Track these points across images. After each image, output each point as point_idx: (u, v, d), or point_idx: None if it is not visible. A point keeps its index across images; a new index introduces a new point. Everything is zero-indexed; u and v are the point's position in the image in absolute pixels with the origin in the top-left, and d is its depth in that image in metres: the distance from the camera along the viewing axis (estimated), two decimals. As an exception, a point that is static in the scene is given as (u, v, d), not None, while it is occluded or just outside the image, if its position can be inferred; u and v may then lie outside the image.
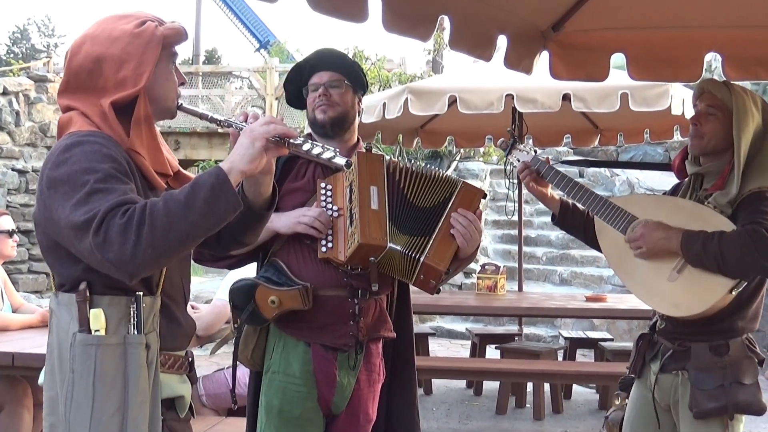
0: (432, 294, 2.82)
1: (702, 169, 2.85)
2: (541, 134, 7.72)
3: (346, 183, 2.77)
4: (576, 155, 14.78)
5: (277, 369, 2.79)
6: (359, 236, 2.64)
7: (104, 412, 1.86)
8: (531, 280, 10.86)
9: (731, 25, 3.35)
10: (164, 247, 1.76)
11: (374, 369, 2.90)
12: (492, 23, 3.14)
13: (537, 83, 5.34)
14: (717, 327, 2.73)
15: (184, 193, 1.80)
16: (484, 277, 6.62)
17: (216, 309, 3.90)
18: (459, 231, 2.75)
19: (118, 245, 1.74)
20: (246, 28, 30.42)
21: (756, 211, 2.62)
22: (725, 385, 2.68)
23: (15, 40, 40.43)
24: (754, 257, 2.54)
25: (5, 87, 13.44)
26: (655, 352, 2.90)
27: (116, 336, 1.89)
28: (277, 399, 2.77)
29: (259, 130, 1.92)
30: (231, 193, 1.83)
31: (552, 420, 6.29)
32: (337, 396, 2.81)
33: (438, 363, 6.75)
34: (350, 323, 2.80)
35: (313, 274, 2.77)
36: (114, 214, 1.75)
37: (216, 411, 4.27)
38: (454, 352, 9.29)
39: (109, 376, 1.87)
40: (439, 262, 2.73)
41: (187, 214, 1.78)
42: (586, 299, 6.32)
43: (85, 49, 1.98)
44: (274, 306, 2.70)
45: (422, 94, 6.02)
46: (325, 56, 2.95)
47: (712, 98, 2.82)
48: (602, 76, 3.60)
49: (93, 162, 1.84)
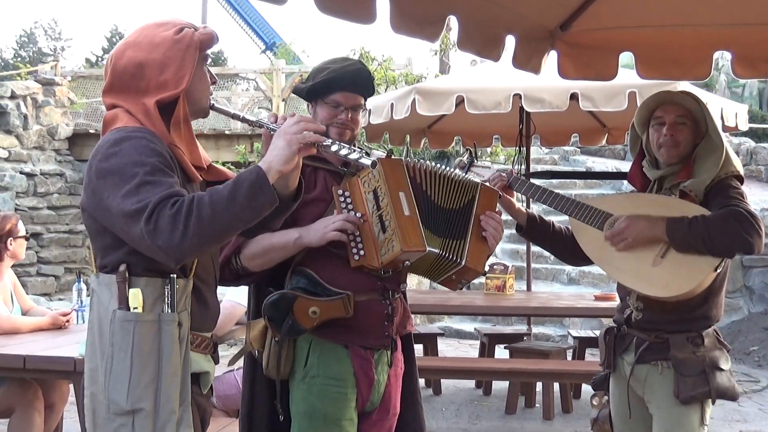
0: (454, 290, 2.94)
1: (666, 171, 3.03)
2: (548, 134, 7.71)
3: (367, 189, 2.76)
4: (584, 154, 14.79)
5: (316, 373, 2.77)
6: (401, 244, 2.65)
7: (140, 382, 2.04)
8: (539, 280, 10.84)
9: (740, 23, 3.35)
10: (209, 236, 1.98)
11: (398, 363, 2.95)
12: (500, 23, 3.14)
13: (544, 83, 5.34)
14: (693, 315, 2.91)
15: (227, 189, 2.01)
16: (492, 277, 6.61)
17: (225, 311, 3.88)
18: (491, 233, 2.84)
19: (167, 233, 1.94)
20: (252, 30, 30.42)
21: (728, 196, 2.84)
22: (707, 371, 2.86)
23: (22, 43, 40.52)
24: (738, 233, 2.73)
25: (13, 91, 13.44)
26: (626, 345, 3.04)
27: (152, 314, 2.08)
28: (320, 402, 2.76)
29: (295, 134, 2.11)
30: (269, 190, 2.03)
31: (562, 420, 6.28)
32: (373, 394, 2.84)
33: (447, 363, 6.74)
34: (385, 323, 2.84)
35: (347, 280, 2.76)
36: (164, 204, 1.95)
37: (227, 412, 4.27)
38: (462, 352, 9.28)
39: (145, 349, 2.05)
40: (478, 265, 2.80)
41: (230, 208, 1.98)
42: (595, 298, 6.30)
43: (128, 55, 2.17)
44: (315, 317, 2.68)
45: (429, 94, 6.03)
46: (359, 78, 2.85)
47: (680, 109, 3.00)
48: (610, 75, 3.60)
49: (141, 155, 2.03)
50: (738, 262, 9.71)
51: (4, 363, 3.72)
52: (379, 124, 6.63)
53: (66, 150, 14.05)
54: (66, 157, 13.91)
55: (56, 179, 13.22)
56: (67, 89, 14.89)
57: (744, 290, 10.09)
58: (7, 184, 12.44)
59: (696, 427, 2.89)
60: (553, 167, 14.36)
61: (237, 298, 3.98)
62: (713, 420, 5.54)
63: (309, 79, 2.89)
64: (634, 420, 3.04)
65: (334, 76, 2.81)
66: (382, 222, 2.71)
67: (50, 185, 13.09)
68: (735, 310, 9.86)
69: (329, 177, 2.87)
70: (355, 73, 2.83)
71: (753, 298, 10.05)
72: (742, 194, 2.88)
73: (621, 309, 3.11)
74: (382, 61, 14.38)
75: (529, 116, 6.83)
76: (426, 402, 6.73)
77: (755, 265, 9.99)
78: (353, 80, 2.83)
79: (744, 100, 16.60)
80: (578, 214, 3.06)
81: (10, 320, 4.29)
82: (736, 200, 2.82)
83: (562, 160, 14.89)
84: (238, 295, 3.88)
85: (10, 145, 13.09)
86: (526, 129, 6.98)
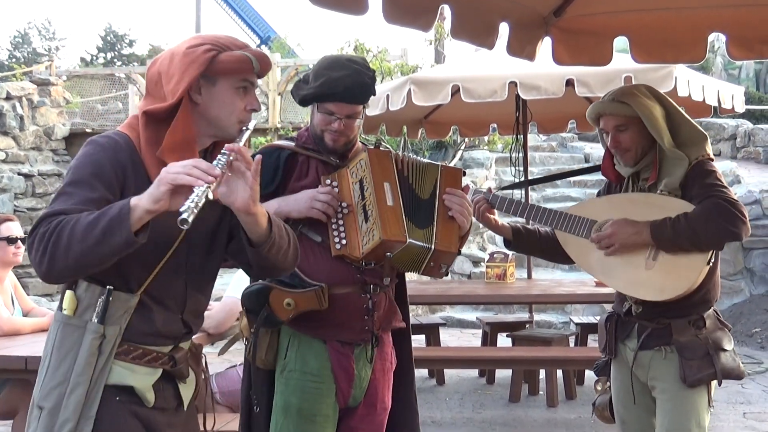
0: (440, 278, 2.90)
1: (637, 168, 3.01)
2: (545, 121, 7.69)
3: (354, 179, 2.77)
4: (581, 141, 14.77)
5: (293, 368, 2.78)
6: (380, 232, 2.65)
7: (50, 382, 2.07)
8: (540, 267, 10.81)
9: (734, 4, 3.33)
10: (63, 264, 1.90)
11: (387, 358, 2.93)
12: (493, 11, 3.13)
13: (540, 70, 5.32)
14: (692, 300, 2.89)
15: (91, 217, 1.90)
16: (493, 266, 6.61)
17: (226, 306, 3.90)
18: (456, 211, 2.82)
19: (33, 252, 1.93)
20: (246, 25, 30.36)
21: (706, 185, 2.83)
22: (711, 353, 2.87)
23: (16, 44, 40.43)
24: (722, 226, 2.75)
25: (8, 92, 13.42)
26: (628, 332, 3.03)
27: (79, 320, 2.07)
28: (296, 397, 2.77)
29: (169, 174, 1.90)
30: (126, 229, 1.88)
31: (566, 406, 6.29)
32: (355, 389, 2.83)
33: (449, 353, 6.74)
34: (365, 318, 2.81)
35: (325, 272, 2.76)
36: (47, 221, 1.92)
37: (230, 408, 4.27)
38: (465, 341, 9.28)
39: (62, 352, 2.07)
40: (450, 245, 2.78)
41: (85, 239, 1.88)
42: (596, 284, 6.29)
43: (157, 64, 2.17)
44: (290, 308, 2.70)
45: (425, 84, 6.01)
46: (355, 89, 2.75)
47: (615, 118, 2.97)
48: (605, 60, 3.59)
49: (80, 163, 2.03)
50: (738, 245, 9.71)
51: (7, 365, 3.71)
52: (376, 116, 6.61)
53: (63, 150, 14.04)
54: (63, 157, 13.89)
55: (54, 179, 13.19)
56: (62, 89, 14.88)
57: (745, 272, 10.10)
58: (5, 185, 12.43)
59: (703, 409, 2.89)
60: (551, 154, 14.35)
61: (237, 294, 3.97)
62: (717, 402, 5.54)
63: (307, 80, 2.84)
64: (638, 406, 3.03)
65: (329, 87, 2.74)
66: (365, 211, 2.71)
67: (48, 186, 13.07)
68: (737, 292, 9.87)
69: (321, 166, 2.87)
70: (352, 84, 2.74)
71: (754, 280, 10.06)
72: (718, 177, 2.86)
73: (619, 301, 3.10)
74: (377, 52, 14.35)
75: (525, 104, 6.82)
76: (429, 392, 6.74)
77: (756, 247, 9.99)
78: (349, 92, 2.74)
79: (741, 81, 16.57)
80: (562, 225, 3.06)
81: (11, 322, 4.28)
82: (714, 188, 2.81)
83: (560, 146, 14.88)
84: (239, 290, 3.87)
85: (7, 147, 13.08)
86: (523, 117, 6.97)
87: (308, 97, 2.80)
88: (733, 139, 14.05)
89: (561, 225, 3.06)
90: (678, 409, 2.89)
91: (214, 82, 2.13)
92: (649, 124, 2.92)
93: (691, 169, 2.89)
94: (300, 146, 2.88)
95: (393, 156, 2.84)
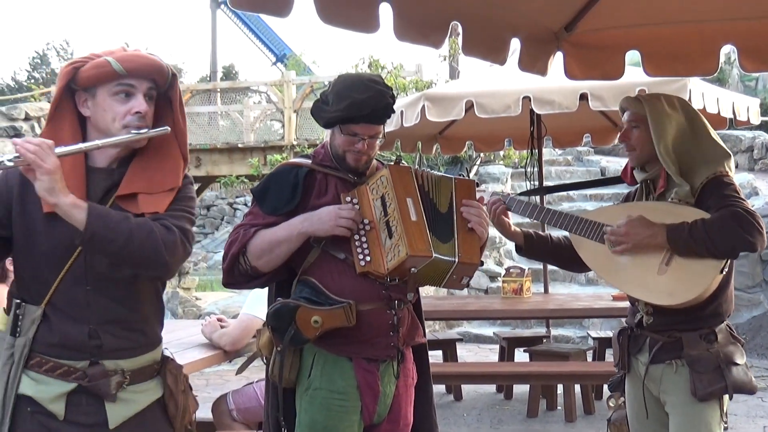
0: (461, 289, 2.96)
1: (649, 175, 3.05)
2: (560, 135, 7.69)
3: (375, 195, 2.77)
4: (597, 154, 14.73)
5: (318, 386, 2.77)
6: (406, 248, 2.66)
7: None
8: (557, 282, 10.79)
9: (746, 17, 3.34)
10: None
11: (409, 374, 2.94)
12: (504, 26, 3.14)
13: (554, 84, 5.33)
14: (704, 312, 2.89)
15: None
16: (509, 281, 6.59)
17: (243, 324, 3.90)
18: (475, 222, 2.84)
19: None
20: (262, 43, 30.60)
21: (723, 196, 2.83)
22: (722, 367, 2.85)
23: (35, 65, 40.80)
24: (739, 234, 2.74)
25: (27, 113, 13.59)
26: (640, 346, 3.03)
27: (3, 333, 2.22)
28: (322, 416, 2.76)
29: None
30: None
31: (584, 421, 6.25)
32: (380, 406, 2.83)
33: (467, 368, 6.73)
34: (390, 334, 2.82)
35: (351, 289, 2.76)
36: None
37: (247, 425, 4.27)
38: (482, 356, 9.25)
39: None
40: (472, 257, 2.80)
41: None
42: (613, 298, 6.26)
43: None
44: (317, 326, 2.69)
45: (439, 100, 6.03)
46: (378, 110, 2.77)
47: (632, 114, 3.04)
48: (617, 74, 3.60)
49: None
50: (756, 257, 9.63)
51: None
52: (390, 132, 6.62)
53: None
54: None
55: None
56: (80, 109, 14.98)
57: (764, 285, 10.00)
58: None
59: (715, 423, 2.87)
60: (567, 168, 14.32)
61: (254, 311, 3.98)
62: (736, 416, 5.52)
63: (327, 101, 2.82)
64: (651, 420, 3.02)
65: (357, 109, 2.74)
66: (389, 228, 2.72)
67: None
68: (755, 305, 9.78)
69: (340, 184, 2.88)
70: (376, 105, 2.75)
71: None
72: (736, 190, 2.87)
73: (632, 312, 3.10)
74: (392, 68, 14.41)
75: (539, 118, 6.82)
76: (447, 408, 6.72)
77: (774, 259, 9.90)
78: (373, 113, 2.76)
79: (758, 93, 16.50)
80: (577, 228, 3.08)
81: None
82: (732, 199, 2.81)
83: (575, 160, 14.84)
84: (255, 307, 3.89)
85: (26, 167, 13.19)
86: (537, 131, 6.97)
87: (334, 120, 2.79)
88: (750, 150, 13.97)
89: (576, 228, 3.08)
90: (689, 423, 2.88)
91: (93, 93, 2.21)
92: (652, 126, 2.94)
93: (707, 182, 2.89)
94: (317, 164, 2.89)
95: (413, 171, 2.85)
